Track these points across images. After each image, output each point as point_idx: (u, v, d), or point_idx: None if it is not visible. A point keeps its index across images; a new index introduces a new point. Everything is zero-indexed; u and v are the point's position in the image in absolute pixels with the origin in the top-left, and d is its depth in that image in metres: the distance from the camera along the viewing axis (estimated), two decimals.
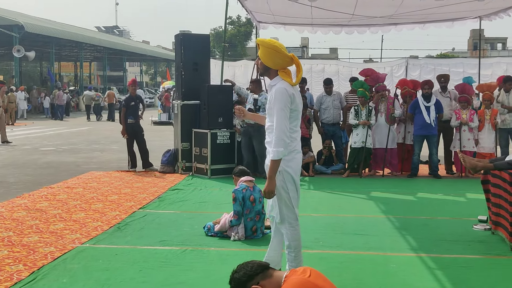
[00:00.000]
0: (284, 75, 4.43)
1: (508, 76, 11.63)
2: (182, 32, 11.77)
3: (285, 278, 2.96)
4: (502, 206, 6.01)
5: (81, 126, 26.30)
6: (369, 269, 5.20)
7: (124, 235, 6.40)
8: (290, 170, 4.43)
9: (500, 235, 6.17)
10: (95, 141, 18.36)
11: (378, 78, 11.48)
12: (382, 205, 8.25)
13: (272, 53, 4.39)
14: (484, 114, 10.75)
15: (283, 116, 4.30)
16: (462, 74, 21.58)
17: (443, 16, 13.33)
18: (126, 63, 59.13)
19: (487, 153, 10.58)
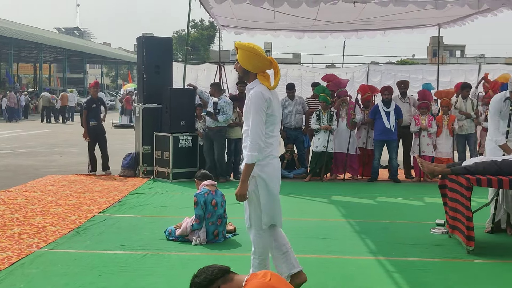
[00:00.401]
0: (263, 78, 4.38)
1: (465, 83, 11.93)
2: (144, 34, 11.65)
3: (246, 281, 2.96)
4: (458, 210, 6.14)
5: (40, 128, 25.81)
6: (329, 272, 5.25)
7: (83, 239, 6.31)
8: (264, 176, 4.36)
9: (457, 238, 6.30)
10: (54, 144, 18.05)
11: (340, 83, 11.61)
12: (343, 209, 8.33)
13: (251, 56, 4.33)
14: (442, 120, 10.97)
15: (259, 120, 4.24)
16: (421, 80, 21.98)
17: (403, 23, 13.55)
18: (86, 65, 58.35)
19: (445, 158, 10.81)
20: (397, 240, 6.47)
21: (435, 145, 10.96)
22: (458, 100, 11.25)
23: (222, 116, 10.35)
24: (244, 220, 4.63)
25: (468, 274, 5.29)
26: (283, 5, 9.82)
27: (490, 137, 6.89)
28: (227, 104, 10.45)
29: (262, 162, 4.34)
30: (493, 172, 5.91)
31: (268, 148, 4.37)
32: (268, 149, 4.38)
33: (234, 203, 8.12)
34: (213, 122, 10.42)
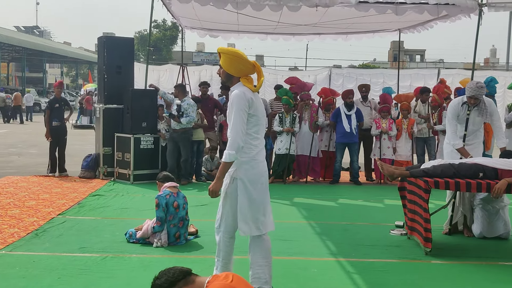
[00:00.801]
0: (246, 81, 4.36)
1: (424, 87, 12.17)
2: (106, 34, 11.54)
3: (208, 283, 2.96)
4: (417, 212, 6.26)
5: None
6: (291, 273, 5.28)
7: (42, 241, 6.20)
8: (245, 180, 4.31)
9: (416, 240, 6.42)
10: (12, 145, 17.66)
11: (304, 86, 11.68)
12: (305, 210, 8.40)
13: (234, 60, 4.32)
14: (401, 123, 11.17)
15: (239, 119, 4.20)
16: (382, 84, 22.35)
17: (364, 28, 13.75)
18: (46, 64, 57.33)
19: (404, 161, 11.01)
20: (357, 242, 6.56)
21: (394, 148, 11.15)
22: (417, 104, 11.47)
23: (185, 118, 10.31)
24: (205, 223, 4.61)
25: (426, 275, 5.39)
26: (247, 8, 9.85)
27: (448, 141, 7.05)
28: (191, 106, 10.41)
29: (245, 166, 4.30)
30: (450, 175, 6.05)
31: (252, 150, 4.33)
32: (253, 151, 4.34)
33: (196, 205, 8.15)
34: (177, 124, 10.37)
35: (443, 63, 61.64)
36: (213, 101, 12.02)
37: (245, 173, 4.30)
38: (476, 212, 6.93)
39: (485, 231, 6.86)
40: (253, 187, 4.33)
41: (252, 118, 4.31)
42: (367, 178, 11.61)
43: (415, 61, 69.63)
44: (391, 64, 60.30)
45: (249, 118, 4.29)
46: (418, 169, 6.35)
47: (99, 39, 11.43)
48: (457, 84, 13.94)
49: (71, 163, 11.31)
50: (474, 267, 5.69)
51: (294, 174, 11.42)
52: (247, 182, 4.31)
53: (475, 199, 6.94)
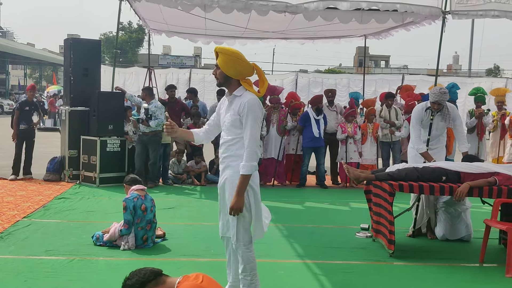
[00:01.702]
0: (247, 85, 4.16)
1: (389, 92, 12.39)
2: (70, 36, 11.47)
3: (178, 284, 2.99)
4: (382, 215, 6.39)
5: None
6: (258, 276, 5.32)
7: (7, 244, 6.12)
8: (254, 186, 4.20)
9: (380, 242, 6.55)
10: None
11: (274, 89, 11.72)
12: (271, 213, 8.39)
13: (234, 61, 4.09)
14: (367, 127, 11.35)
15: (257, 129, 4.07)
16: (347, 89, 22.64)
17: (331, 34, 13.92)
18: (9, 65, 56.21)
19: (369, 164, 11.20)
20: (323, 244, 6.65)
21: (360, 152, 11.32)
22: (382, 109, 11.68)
23: (154, 121, 10.29)
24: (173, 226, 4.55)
25: (389, 276, 5.51)
26: (215, 11, 9.88)
27: (412, 145, 7.21)
28: (158, 108, 10.40)
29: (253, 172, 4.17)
30: (414, 178, 6.19)
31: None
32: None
33: (163, 208, 8.14)
34: (147, 127, 10.33)
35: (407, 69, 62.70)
36: (180, 104, 12.01)
37: (253, 180, 4.16)
38: (439, 215, 7.11)
39: (447, 234, 7.03)
40: (259, 192, 4.29)
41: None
42: (333, 182, 11.75)
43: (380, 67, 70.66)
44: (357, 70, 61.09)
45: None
46: (383, 173, 6.48)
47: (66, 41, 11.32)
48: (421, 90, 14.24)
49: (36, 166, 11.16)
50: (437, 268, 5.84)
51: (261, 178, 11.47)
52: (256, 188, 4.23)
53: (438, 202, 7.12)
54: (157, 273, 3.06)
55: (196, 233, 6.96)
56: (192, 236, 6.82)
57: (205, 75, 25.79)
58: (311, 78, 25.81)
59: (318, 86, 23.71)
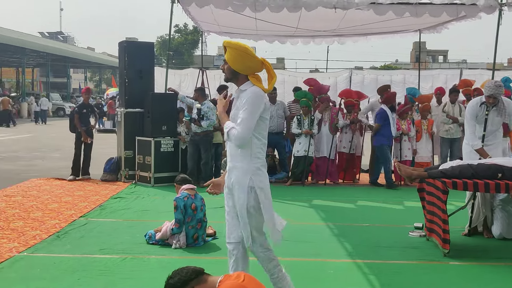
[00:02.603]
0: (255, 80, 4.01)
1: (453, 87, 11.96)
2: (129, 39, 11.70)
3: (219, 283, 3.01)
4: (435, 213, 6.24)
5: (23, 133, 25.64)
6: (306, 275, 5.30)
7: (63, 243, 6.31)
8: (263, 186, 4.01)
9: (434, 241, 6.40)
10: (36, 149, 17.95)
11: (321, 89, 11.68)
12: (323, 212, 8.41)
13: (242, 55, 3.95)
14: (421, 124, 11.11)
15: (251, 120, 3.90)
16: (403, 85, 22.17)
17: (384, 29, 13.70)
18: (70, 69, 58.01)
19: (425, 162, 10.94)
20: (375, 243, 6.56)
21: (415, 150, 11.09)
22: (446, 104, 11.40)
23: (206, 121, 10.39)
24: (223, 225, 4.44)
25: (443, 276, 5.38)
26: (265, 11, 9.90)
27: (467, 141, 7.01)
28: (210, 109, 10.49)
29: (259, 172, 4.02)
30: (468, 176, 6.03)
31: (263, 155, 4.08)
32: (263, 156, 4.09)
33: (214, 207, 8.21)
34: (198, 127, 10.45)
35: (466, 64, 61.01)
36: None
37: (260, 180, 4.01)
38: (496, 213, 6.88)
39: (505, 232, 6.80)
40: (268, 193, 4.09)
41: (264, 122, 4.04)
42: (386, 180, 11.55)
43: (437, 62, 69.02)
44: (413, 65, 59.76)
45: (261, 122, 4.01)
46: (436, 170, 6.33)
47: (120, 44, 11.58)
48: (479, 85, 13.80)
49: (93, 166, 11.48)
50: (494, 268, 5.67)
51: (313, 177, 11.43)
52: (265, 188, 4.04)
53: (495, 200, 6.89)
54: (199, 272, 3.10)
55: None
56: None
57: None
58: (365, 75, 25.47)
59: (373, 83, 23.35)
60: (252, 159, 4.01)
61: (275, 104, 11.61)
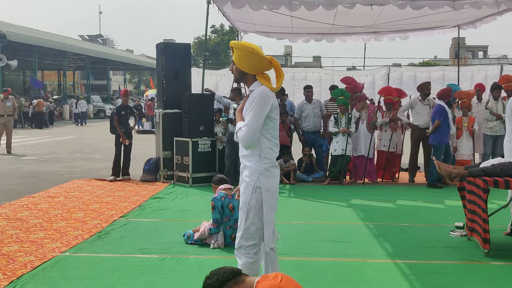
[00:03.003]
0: (264, 80, 3.98)
1: (496, 83, 11.64)
2: (166, 40, 11.78)
3: (257, 283, 3.02)
4: (476, 213, 6.12)
5: (65, 135, 26.18)
6: (345, 275, 5.27)
7: (104, 243, 6.42)
8: (269, 187, 3.97)
9: (475, 241, 6.28)
10: (78, 150, 18.31)
11: (356, 87, 11.56)
12: (361, 212, 8.34)
13: (248, 56, 3.93)
14: (461, 121, 10.90)
15: (257, 121, 3.88)
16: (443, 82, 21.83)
17: (422, 25, 13.51)
18: (110, 71, 58.95)
19: (465, 160, 10.72)
20: (415, 243, 6.47)
21: (455, 148, 10.89)
22: (489, 100, 11.17)
23: None
24: None
25: (484, 277, 5.27)
26: (300, 9, 9.87)
27: (508, 139, 6.83)
28: None
29: (267, 173, 3.96)
30: (510, 174, 5.89)
31: (272, 155, 4.03)
32: (273, 156, 4.04)
33: None
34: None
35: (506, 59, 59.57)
36: None
37: (267, 180, 3.95)
38: None
39: None
40: (275, 196, 4.03)
41: (272, 122, 4.00)
42: (427, 179, 11.37)
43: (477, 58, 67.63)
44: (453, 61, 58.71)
45: (270, 121, 3.98)
46: (477, 168, 6.21)
47: (157, 45, 11.71)
48: None
49: (133, 167, 11.65)
50: None
51: (351, 176, 11.34)
52: (272, 189, 3.99)
53: None
54: (236, 273, 3.11)
55: (284, 232, 6.91)
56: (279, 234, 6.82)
57: (294, 74, 25.80)
58: (403, 72, 25.18)
59: (411, 80, 23.08)
60: (261, 159, 3.99)
61: (312, 102, 11.58)
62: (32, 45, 36.65)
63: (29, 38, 36.22)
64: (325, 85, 21.22)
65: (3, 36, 32.52)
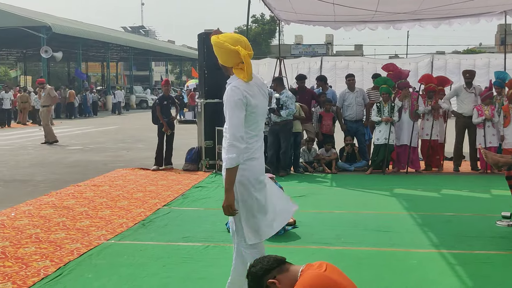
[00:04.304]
0: (238, 71, 3.79)
1: None
2: (207, 31, 11.82)
3: (301, 272, 3.01)
4: None
5: (109, 125, 26.65)
6: (389, 265, 5.22)
7: (148, 231, 6.52)
8: (244, 180, 3.76)
9: None
10: (121, 140, 18.62)
11: (400, 74, 11.40)
12: (405, 201, 8.23)
13: (218, 50, 3.82)
14: (509, 109, 10.62)
15: (237, 114, 3.67)
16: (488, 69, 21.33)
17: (467, 12, 13.17)
18: (152, 62, 59.62)
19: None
20: (460, 233, 6.35)
21: (502, 136, 10.64)
22: None
23: (285, 110, 10.39)
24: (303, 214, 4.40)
25: None
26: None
27: None
28: (289, 98, 10.46)
29: (241, 166, 3.72)
30: None
31: (248, 150, 3.78)
32: (250, 150, 3.80)
33: (294, 196, 8.22)
34: (278, 117, 10.46)
35: None
36: (310, 93, 12.03)
37: (242, 173, 3.74)
38: None
39: None
40: (254, 188, 3.82)
41: (250, 116, 3.76)
42: (472, 168, 11.16)
43: None
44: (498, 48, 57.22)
45: (247, 116, 3.74)
46: None
47: (199, 36, 11.76)
48: None
49: (175, 156, 11.77)
50: None
51: (394, 165, 11.19)
52: (247, 182, 3.78)
53: None
54: (280, 261, 3.11)
55: (327, 221, 6.96)
56: (322, 224, 6.82)
57: (336, 63, 25.63)
58: (447, 60, 24.69)
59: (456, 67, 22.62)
60: None
61: (354, 91, 11.47)
62: (76, 37, 37.35)
63: (73, 30, 36.92)
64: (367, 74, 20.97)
65: (48, 28, 33.22)
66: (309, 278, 2.93)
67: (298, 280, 2.97)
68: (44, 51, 32.88)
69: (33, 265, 5.16)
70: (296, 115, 10.78)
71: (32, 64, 56.28)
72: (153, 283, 4.75)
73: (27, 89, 30.71)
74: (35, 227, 6.60)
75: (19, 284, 4.66)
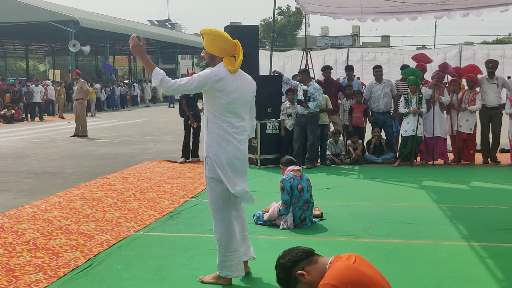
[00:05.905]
0: (227, 61, 4.31)
1: None
2: (233, 23, 11.84)
3: (330, 264, 3.01)
4: None
5: (136, 118, 26.87)
6: (418, 257, 5.17)
7: (176, 223, 6.57)
8: (219, 154, 4.34)
9: None
10: (149, 133, 18.76)
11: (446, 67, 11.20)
12: (433, 194, 8.15)
13: (216, 39, 4.30)
14: None
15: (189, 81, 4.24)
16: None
17: (497, 1, 12.94)
18: (178, 56, 59.83)
19: None
20: (490, 226, 6.26)
21: None
22: None
23: (313, 102, 10.34)
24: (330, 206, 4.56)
25: None
26: None
27: None
28: (317, 90, 10.41)
29: (213, 145, 4.37)
30: None
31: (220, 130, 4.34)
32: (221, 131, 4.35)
33: (321, 188, 8.20)
34: (305, 109, 10.42)
35: None
36: (336, 84, 11.97)
37: (215, 153, 4.36)
38: None
39: None
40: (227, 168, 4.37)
41: (216, 99, 4.28)
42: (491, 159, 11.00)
43: None
44: None
45: (213, 98, 4.28)
46: None
47: (225, 28, 11.73)
48: None
49: (202, 149, 11.79)
50: None
51: (423, 156, 11.07)
52: (221, 157, 4.35)
53: None
54: (309, 253, 3.11)
55: (354, 213, 6.92)
56: (349, 216, 6.79)
57: (362, 54, 25.44)
58: (476, 50, 24.29)
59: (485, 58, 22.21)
60: (208, 133, 4.39)
61: (382, 83, 11.37)
62: (104, 31, 37.70)
63: (101, 24, 37.27)
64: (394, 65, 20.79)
65: (76, 22, 33.58)
66: (338, 269, 2.92)
67: (326, 272, 2.97)
68: (72, 45, 33.21)
69: (64, 256, 5.24)
70: (323, 107, 10.73)
71: (61, 58, 57.02)
72: (181, 274, 4.78)
73: (62, 83, 31.07)
74: (65, 219, 6.71)
75: (50, 274, 4.74)
